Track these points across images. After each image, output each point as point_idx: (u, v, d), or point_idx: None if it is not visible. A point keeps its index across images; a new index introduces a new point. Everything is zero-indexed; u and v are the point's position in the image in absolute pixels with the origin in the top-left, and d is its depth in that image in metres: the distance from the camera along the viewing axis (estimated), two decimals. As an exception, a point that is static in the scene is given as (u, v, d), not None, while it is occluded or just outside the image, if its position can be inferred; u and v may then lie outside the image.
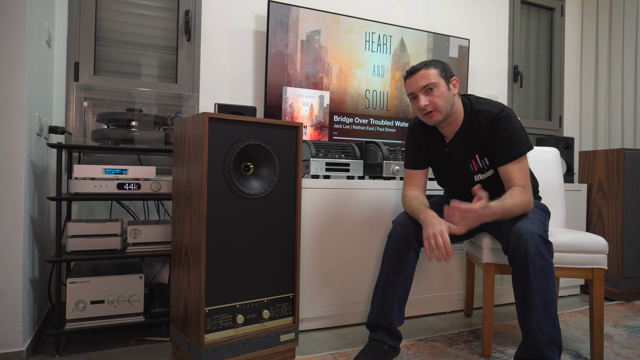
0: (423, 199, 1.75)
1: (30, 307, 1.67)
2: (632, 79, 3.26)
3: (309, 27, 2.53)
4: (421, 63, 1.68)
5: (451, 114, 1.69)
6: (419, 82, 1.65)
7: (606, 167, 2.71)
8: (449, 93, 1.67)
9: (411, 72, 1.69)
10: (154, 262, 2.34)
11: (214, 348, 1.49)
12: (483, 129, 1.67)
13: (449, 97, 1.67)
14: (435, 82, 1.64)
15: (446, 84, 1.66)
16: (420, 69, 1.67)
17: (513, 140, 1.63)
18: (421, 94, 1.66)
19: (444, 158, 1.79)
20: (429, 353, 1.79)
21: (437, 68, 1.66)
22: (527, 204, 1.58)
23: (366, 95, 2.72)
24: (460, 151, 1.74)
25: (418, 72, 1.66)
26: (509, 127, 1.63)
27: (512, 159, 1.63)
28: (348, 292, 2.08)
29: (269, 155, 1.61)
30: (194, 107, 2.21)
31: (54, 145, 1.67)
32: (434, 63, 1.67)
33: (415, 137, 1.84)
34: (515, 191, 1.59)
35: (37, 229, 1.77)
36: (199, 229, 1.47)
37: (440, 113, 1.66)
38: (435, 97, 1.65)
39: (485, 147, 1.70)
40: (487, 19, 3.31)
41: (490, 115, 1.66)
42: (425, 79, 1.65)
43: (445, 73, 1.67)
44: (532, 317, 1.47)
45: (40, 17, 1.79)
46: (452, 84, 1.68)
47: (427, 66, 1.66)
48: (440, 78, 1.65)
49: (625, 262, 2.62)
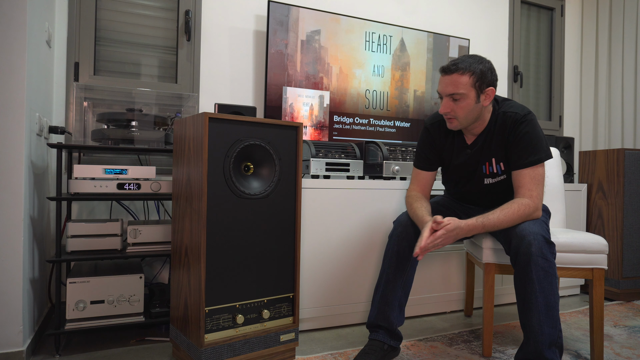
0: (427, 204, 1.70)
1: (30, 307, 1.67)
2: (632, 79, 3.26)
3: (309, 27, 2.53)
4: (459, 64, 1.57)
5: (473, 122, 1.65)
6: (447, 87, 1.59)
7: (606, 167, 2.71)
8: (476, 105, 1.59)
9: (444, 71, 1.60)
10: (154, 262, 2.34)
11: (214, 348, 1.48)
12: (507, 130, 1.64)
13: (475, 109, 1.60)
14: (463, 92, 1.56)
15: (476, 95, 1.58)
16: (453, 72, 1.57)
17: (533, 146, 1.59)
18: (445, 99, 1.61)
19: (459, 159, 1.75)
20: (429, 353, 1.79)
21: (472, 76, 1.56)
22: (525, 216, 1.55)
23: (366, 95, 2.72)
24: (479, 153, 1.71)
25: (451, 75, 1.57)
26: (531, 131, 1.60)
27: (528, 165, 1.59)
28: (348, 292, 2.08)
29: (269, 155, 1.61)
30: (194, 107, 2.21)
31: (54, 145, 1.67)
32: (470, 69, 1.56)
33: (431, 138, 1.79)
34: (513, 205, 1.55)
35: (37, 229, 1.77)
36: (199, 229, 1.46)
37: (460, 123, 1.63)
38: (458, 107, 1.59)
39: (504, 150, 1.66)
40: (487, 19, 3.31)
41: (516, 117, 1.62)
42: (453, 87, 1.57)
43: (481, 82, 1.57)
44: (534, 318, 1.47)
45: (40, 17, 1.79)
46: (484, 95, 1.59)
47: (463, 72, 1.56)
48: (470, 89, 1.57)
49: (625, 262, 2.62)
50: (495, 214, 1.54)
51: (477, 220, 1.53)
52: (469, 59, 1.59)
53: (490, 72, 1.60)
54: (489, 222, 1.53)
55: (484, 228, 1.53)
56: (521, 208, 1.55)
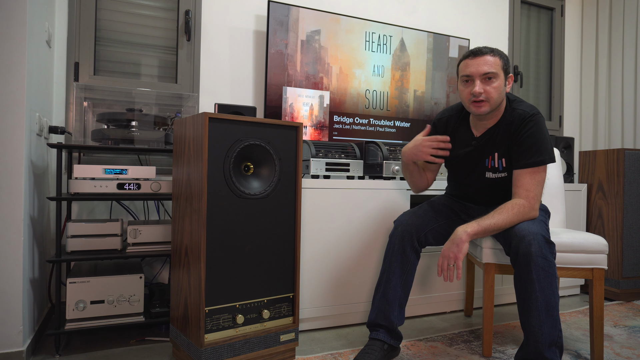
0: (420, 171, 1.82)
1: (30, 307, 1.67)
2: (632, 79, 3.26)
3: (309, 27, 2.53)
4: (487, 48, 1.61)
5: (497, 108, 1.66)
6: (482, 67, 1.59)
7: (606, 167, 2.71)
8: (504, 90, 1.63)
9: (475, 53, 1.61)
10: (154, 262, 2.34)
11: (214, 348, 1.48)
12: (513, 127, 1.65)
13: (503, 92, 1.63)
14: (496, 72, 1.59)
15: (504, 78, 1.62)
16: (486, 53, 1.59)
17: (537, 147, 1.60)
18: (478, 80, 1.60)
19: (464, 150, 1.76)
20: (429, 353, 1.79)
21: (502, 59, 1.61)
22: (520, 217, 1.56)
23: (366, 95, 2.72)
24: (483, 146, 1.72)
25: (483, 56, 1.59)
26: (536, 132, 1.60)
27: (529, 166, 1.60)
28: (348, 292, 2.08)
29: (269, 155, 1.61)
30: (194, 107, 2.21)
31: (54, 145, 1.67)
32: (499, 53, 1.61)
33: (437, 134, 1.82)
34: (508, 205, 1.57)
35: (37, 229, 1.77)
36: (199, 229, 1.46)
37: (490, 106, 1.62)
38: (492, 88, 1.60)
39: (508, 146, 1.67)
40: (487, 19, 3.31)
41: (524, 115, 1.63)
42: (489, 66, 1.58)
43: (507, 67, 1.63)
44: (534, 318, 1.47)
45: (40, 17, 1.79)
46: (508, 80, 1.65)
47: (494, 53, 1.60)
48: (501, 70, 1.60)
49: (625, 262, 2.62)
50: (492, 217, 1.56)
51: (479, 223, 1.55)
52: (491, 47, 1.63)
53: (509, 61, 1.67)
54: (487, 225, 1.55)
55: (484, 232, 1.56)
56: (515, 208, 1.56)
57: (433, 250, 2.24)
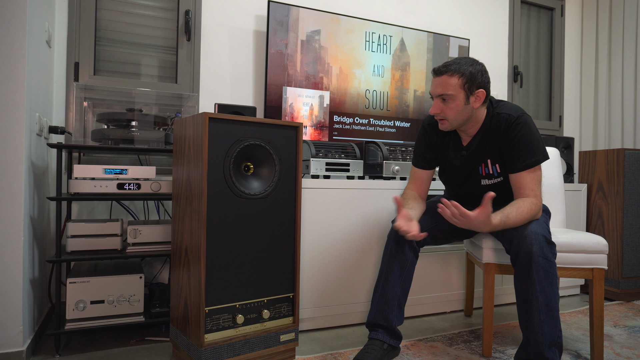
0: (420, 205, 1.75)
1: (30, 307, 1.67)
2: (632, 79, 3.26)
3: (309, 27, 2.53)
4: (449, 66, 1.59)
5: (465, 124, 1.66)
6: (437, 88, 1.62)
7: (606, 167, 2.71)
8: (466, 107, 1.61)
9: (436, 72, 1.63)
10: (154, 262, 2.34)
11: (214, 348, 1.48)
12: (501, 132, 1.64)
13: (465, 110, 1.61)
14: (451, 94, 1.59)
15: (465, 97, 1.59)
16: (443, 73, 1.60)
17: (529, 148, 1.60)
18: (435, 100, 1.64)
19: (455, 160, 1.76)
20: (429, 353, 1.79)
21: (461, 78, 1.57)
22: (533, 216, 1.57)
23: (366, 95, 2.72)
24: (474, 155, 1.72)
25: (441, 77, 1.60)
26: (526, 133, 1.60)
27: (526, 168, 1.60)
28: (348, 292, 2.08)
29: (269, 155, 1.61)
30: (194, 107, 2.21)
31: (54, 145, 1.67)
32: (460, 71, 1.58)
33: (427, 138, 1.81)
34: (524, 203, 1.56)
35: (37, 229, 1.77)
36: (199, 229, 1.46)
37: (450, 124, 1.65)
38: (447, 108, 1.62)
39: (500, 152, 1.67)
40: (487, 19, 3.31)
41: (510, 119, 1.62)
42: (442, 88, 1.60)
43: (470, 84, 1.58)
44: (534, 317, 1.47)
45: (40, 17, 1.79)
46: (474, 97, 1.60)
47: (452, 73, 1.58)
48: (460, 90, 1.58)
49: (625, 262, 2.62)
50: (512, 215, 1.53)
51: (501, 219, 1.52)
52: (461, 61, 1.61)
53: (481, 74, 1.60)
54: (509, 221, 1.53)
55: (504, 227, 1.54)
56: (532, 207, 1.56)
57: (432, 249, 2.25)
